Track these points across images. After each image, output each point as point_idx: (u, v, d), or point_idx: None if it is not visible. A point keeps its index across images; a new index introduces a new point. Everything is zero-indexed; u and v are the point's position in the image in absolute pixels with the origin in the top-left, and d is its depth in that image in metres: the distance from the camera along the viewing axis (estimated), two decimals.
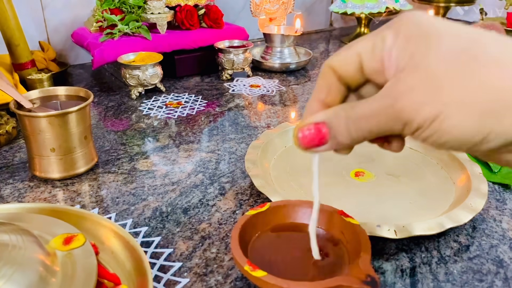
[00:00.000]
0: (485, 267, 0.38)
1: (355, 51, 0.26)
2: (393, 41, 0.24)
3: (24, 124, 0.48)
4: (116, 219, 0.45)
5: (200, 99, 0.78)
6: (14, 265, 0.26)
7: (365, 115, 0.25)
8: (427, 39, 0.23)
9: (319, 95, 0.28)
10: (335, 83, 0.28)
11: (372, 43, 0.25)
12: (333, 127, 0.26)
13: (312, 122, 0.27)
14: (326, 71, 0.28)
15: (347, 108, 0.26)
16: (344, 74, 0.27)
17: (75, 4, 0.95)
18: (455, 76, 0.22)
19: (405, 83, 0.23)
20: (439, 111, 0.22)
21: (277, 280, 0.29)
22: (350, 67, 0.27)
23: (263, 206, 0.38)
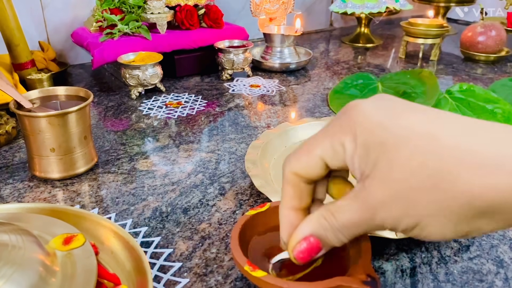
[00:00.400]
0: (485, 267, 0.38)
1: (317, 156, 0.27)
2: (352, 149, 0.25)
3: (24, 124, 0.48)
4: (116, 219, 0.45)
5: (200, 99, 0.78)
6: (14, 265, 0.26)
7: (348, 225, 0.26)
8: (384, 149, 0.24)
9: (292, 204, 0.29)
10: (304, 187, 0.29)
11: (332, 148, 0.26)
12: (322, 238, 0.28)
13: (301, 238, 0.28)
14: (292, 179, 0.29)
15: (329, 217, 0.27)
16: (309, 177, 0.28)
17: (75, 4, 0.95)
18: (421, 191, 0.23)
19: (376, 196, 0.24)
20: (417, 222, 0.24)
21: (277, 280, 0.29)
22: (315, 170, 0.28)
23: (263, 206, 0.38)
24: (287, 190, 0.29)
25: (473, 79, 0.91)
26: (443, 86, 0.83)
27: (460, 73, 0.96)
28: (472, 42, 1.03)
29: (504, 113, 0.63)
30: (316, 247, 0.28)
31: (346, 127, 0.26)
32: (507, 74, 0.95)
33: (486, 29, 1.02)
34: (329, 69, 0.97)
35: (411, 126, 0.24)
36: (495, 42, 1.01)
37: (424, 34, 1.01)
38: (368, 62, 1.04)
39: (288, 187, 0.29)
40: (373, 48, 1.17)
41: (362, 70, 0.97)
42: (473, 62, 1.03)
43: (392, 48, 1.18)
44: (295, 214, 0.29)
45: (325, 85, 0.86)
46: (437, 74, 0.95)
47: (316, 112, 0.73)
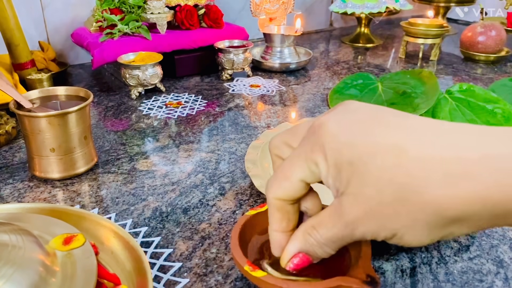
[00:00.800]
0: (485, 267, 0.38)
1: (297, 179, 0.28)
2: (325, 169, 0.27)
3: (24, 124, 0.48)
4: (116, 219, 0.45)
5: (200, 99, 0.78)
6: (14, 265, 0.26)
7: (332, 239, 0.28)
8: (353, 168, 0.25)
9: (280, 227, 0.31)
10: (290, 208, 0.30)
11: (309, 169, 0.28)
12: (310, 253, 0.29)
13: (291, 256, 0.30)
14: (277, 204, 0.30)
15: (313, 233, 0.28)
16: (294, 198, 0.30)
17: (75, 4, 0.95)
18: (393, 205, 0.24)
19: (352, 213, 0.26)
20: (394, 233, 0.25)
21: (277, 280, 0.29)
22: (298, 191, 0.29)
23: (263, 206, 0.38)
24: (274, 214, 0.30)
25: (473, 79, 0.91)
26: (443, 86, 0.83)
27: (460, 73, 0.96)
28: (472, 42, 1.03)
29: (504, 113, 0.63)
30: (307, 260, 0.30)
31: (316, 147, 0.27)
32: (507, 74, 0.95)
33: (486, 29, 1.02)
34: (329, 69, 0.97)
35: (377, 140, 0.25)
36: (495, 42, 1.01)
37: (424, 34, 1.01)
38: (368, 62, 1.04)
39: (274, 212, 0.30)
40: (373, 48, 1.17)
41: (362, 70, 0.97)
42: (473, 62, 1.03)
43: (392, 48, 1.18)
44: (283, 236, 0.31)
45: (325, 85, 0.86)
46: (437, 74, 0.95)
47: (316, 112, 0.73)
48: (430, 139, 0.24)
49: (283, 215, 0.30)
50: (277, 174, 0.29)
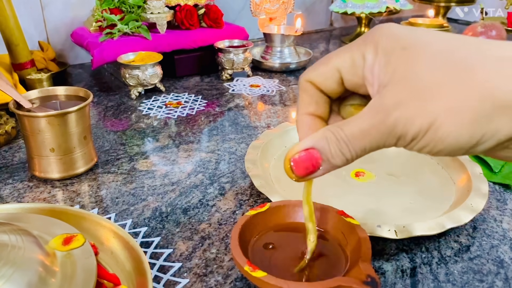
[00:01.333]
0: (486, 268, 0.38)
1: (334, 66, 0.26)
2: (373, 57, 0.24)
3: (24, 124, 0.48)
4: (116, 219, 0.44)
5: (200, 99, 0.78)
6: (14, 265, 0.26)
7: (356, 135, 0.24)
8: (407, 53, 0.23)
9: (307, 109, 0.28)
10: (320, 95, 0.28)
11: (351, 59, 0.26)
12: (324, 151, 0.26)
13: (301, 149, 0.26)
14: (306, 86, 0.28)
15: (335, 129, 0.25)
16: (324, 88, 0.27)
17: (74, 4, 0.95)
18: (441, 85, 0.22)
19: (393, 98, 0.23)
20: (432, 121, 0.22)
21: (277, 281, 0.29)
22: (330, 81, 0.27)
23: (263, 206, 0.38)
24: (303, 97, 0.28)
25: None
26: None
27: None
28: None
29: None
30: (316, 161, 0.26)
31: (368, 40, 0.25)
32: None
33: (486, 29, 1.02)
34: None
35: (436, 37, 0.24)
36: None
37: None
38: None
39: (303, 95, 0.28)
40: None
41: None
42: None
43: None
44: (312, 119, 0.28)
45: None
46: None
47: None
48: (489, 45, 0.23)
49: (311, 98, 0.28)
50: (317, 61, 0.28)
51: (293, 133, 0.59)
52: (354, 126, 0.24)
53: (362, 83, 0.26)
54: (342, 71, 0.26)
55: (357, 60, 0.25)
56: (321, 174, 0.27)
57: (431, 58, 0.23)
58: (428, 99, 0.22)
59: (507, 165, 0.53)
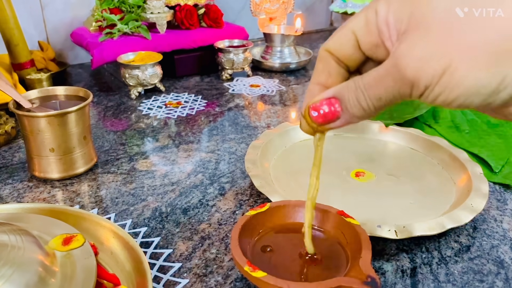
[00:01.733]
0: (486, 268, 0.38)
1: (349, 29, 0.26)
2: (386, 9, 0.23)
3: (23, 124, 0.48)
4: (116, 220, 0.44)
5: (200, 99, 0.78)
6: (14, 265, 0.26)
7: (372, 83, 0.24)
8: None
9: (319, 79, 0.28)
10: (334, 66, 0.27)
11: (365, 17, 0.25)
12: (344, 99, 0.25)
13: (323, 98, 0.26)
14: (324, 55, 0.27)
15: (357, 79, 0.25)
16: (341, 56, 0.27)
17: (74, 4, 0.95)
18: (457, 23, 0.20)
19: (407, 42, 0.22)
20: (447, 63, 0.20)
21: (277, 281, 0.29)
22: (346, 46, 0.26)
23: (263, 206, 0.38)
24: (317, 67, 0.28)
25: None
26: None
27: None
28: None
29: None
30: (335, 110, 0.25)
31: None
32: None
33: None
34: None
35: None
36: None
37: None
38: None
39: (318, 64, 0.28)
40: None
41: None
42: None
43: None
44: (320, 89, 0.28)
45: None
46: None
47: None
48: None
49: (324, 66, 0.27)
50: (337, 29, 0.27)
51: (293, 133, 0.59)
52: (371, 74, 0.24)
53: (378, 42, 0.25)
54: (357, 32, 0.25)
55: (371, 15, 0.24)
56: (339, 125, 0.26)
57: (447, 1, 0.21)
58: (442, 39, 0.20)
59: (508, 165, 0.53)
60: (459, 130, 0.62)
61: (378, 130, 0.60)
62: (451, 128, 0.62)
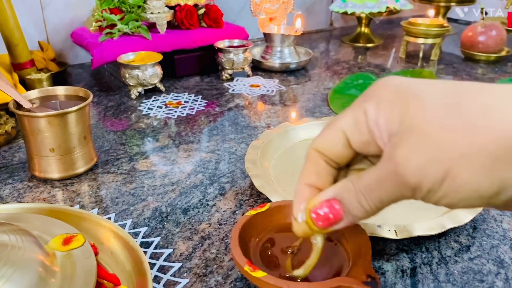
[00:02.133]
0: (486, 268, 0.38)
1: (338, 128, 0.26)
2: (376, 111, 0.24)
3: (23, 124, 0.48)
4: (116, 220, 0.44)
5: (200, 99, 0.78)
6: (14, 265, 0.26)
7: (371, 186, 0.24)
8: (411, 101, 0.22)
9: (308, 180, 0.27)
10: (324, 167, 0.27)
11: (353, 117, 0.25)
12: (344, 202, 0.25)
13: (323, 200, 0.26)
14: (313, 156, 0.27)
15: (354, 180, 0.25)
16: (332, 155, 0.27)
17: (74, 4, 0.95)
18: (453, 130, 0.21)
19: (403, 147, 0.22)
20: (447, 170, 0.21)
21: (277, 281, 0.29)
22: (337, 146, 0.26)
23: (263, 206, 0.38)
24: (306, 166, 0.28)
25: (473, 79, 0.91)
26: None
27: (460, 73, 0.95)
28: (472, 42, 1.03)
29: None
30: (338, 213, 0.25)
31: (368, 95, 0.25)
32: (508, 74, 0.95)
33: (486, 29, 1.02)
34: (329, 69, 0.97)
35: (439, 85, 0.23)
36: (496, 42, 1.01)
37: (424, 34, 1.01)
38: (369, 62, 1.04)
39: (307, 164, 0.28)
40: (374, 48, 1.17)
41: (362, 70, 0.97)
42: (474, 62, 1.03)
43: (392, 48, 1.18)
44: (310, 190, 0.27)
45: (325, 85, 0.86)
46: (438, 74, 0.95)
47: (316, 112, 0.72)
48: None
49: (314, 167, 0.27)
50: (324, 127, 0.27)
51: (293, 133, 0.59)
52: (370, 177, 0.24)
53: (369, 140, 0.25)
54: (347, 132, 0.25)
55: (360, 116, 0.25)
56: (343, 226, 0.26)
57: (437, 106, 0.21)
58: (440, 146, 0.21)
59: None
60: None
61: None
62: None
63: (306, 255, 0.32)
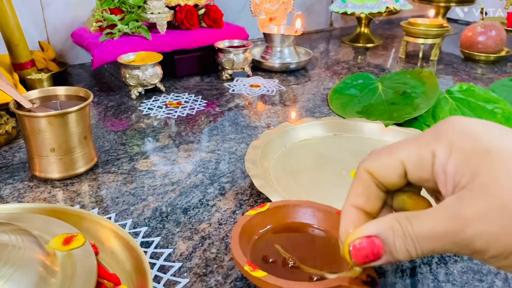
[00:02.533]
0: (485, 267, 0.38)
1: (398, 159, 0.25)
2: (446, 156, 0.23)
3: (24, 124, 0.48)
4: (116, 219, 0.44)
5: (200, 99, 0.78)
6: (14, 265, 0.26)
7: (426, 236, 0.22)
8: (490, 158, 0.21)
9: (357, 202, 0.27)
10: (375, 190, 0.26)
11: (418, 154, 0.24)
12: (388, 243, 0.24)
13: (364, 236, 0.25)
14: (364, 177, 0.26)
15: (404, 221, 0.23)
16: (384, 181, 0.26)
17: (75, 4, 0.95)
18: None
19: (473, 207, 0.21)
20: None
21: (277, 280, 0.29)
22: (392, 174, 0.25)
23: (263, 206, 0.38)
24: (356, 186, 0.27)
25: (473, 79, 0.91)
26: (443, 86, 0.83)
27: (460, 73, 0.96)
28: (472, 42, 1.03)
29: (504, 113, 0.63)
30: (377, 251, 0.24)
31: (440, 135, 0.24)
32: (507, 74, 0.95)
33: (486, 29, 1.02)
34: (329, 69, 0.97)
35: None
36: (495, 42, 1.01)
37: (424, 34, 1.01)
38: (368, 62, 1.04)
39: (357, 184, 0.27)
40: (373, 48, 1.17)
41: (362, 70, 0.97)
42: (473, 62, 1.03)
43: (392, 48, 1.18)
44: (357, 213, 0.27)
45: (325, 85, 0.86)
46: (437, 74, 0.95)
47: (316, 112, 0.73)
48: None
49: (364, 190, 0.26)
50: (380, 149, 0.26)
51: (293, 133, 0.59)
52: (426, 226, 0.22)
53: (429, 178, 0.24)
54: (408, 165, 0.25)
55: (426, 155, 0.24)
56: (380, 264, 0.25)
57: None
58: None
59: None
60: None
61: (377, 130, 0.60)
62: None
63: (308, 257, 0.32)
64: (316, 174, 0.51)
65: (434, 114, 0.65)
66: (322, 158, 0.55)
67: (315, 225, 0.37)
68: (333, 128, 0.61)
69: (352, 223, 0.27)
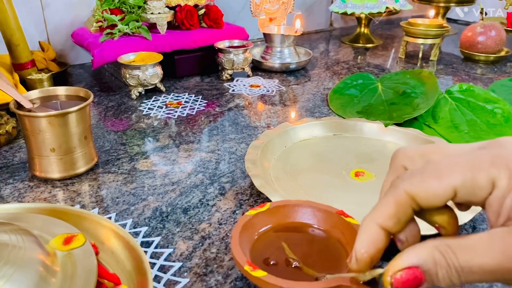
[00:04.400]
0: None
1: (451, 186, 0.23)
2: (508, 189, 0.21)
3: (24, 124, 0.48)
4: (116, 219, 0.45)
5: (200, 99, 0.78)
6: (14, 265, 0.26)
7: (475, 270, 0.21)
8: None
9: (384, 222, 0.25)
10: (409, 214, 0.24)
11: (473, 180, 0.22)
12: (430, 274, 0.22)
13: (405, 267, 0.23)
14: (403, 200, 0.24)
15: (447, 252, 0.22)
16: (426, 205, 0.24)
17: (75, 4, 0.95)
18: None
19: None
20: None
21: (277, 280, 0.29)
22: (440, 200, 0.23)
23: (263, 206, 0.38)
24: (388, 206, 0.25)
25: (472, 79, 0.91)
26: (443, 86, 0.83)
27: (460, 73, 0.96)
28: (472, 42, 1.03)
29: (504, 113, 0.63)
30: (420, 281, 0.23)
31: (500, 160, 0.22)
32: (507, 74, 0.95)
33: (486, 29, 1.02)
34: (329, 69, 0.97)
35: None
36: (495, 42, 1.01)
37: (424, 34, 1.01)
38: (368, 62, 1.04)
39: (391, 204, 0.25)
40: (373, 48, 1.17)
41: (362, 70, 0.97)
42: (473, 62, 1.03)
43: (392, 48, 1.18)
44: (380, 234, 0.25)
45: (325, 85, 0.86)
46: (437, 74, 0.95)
47: (316, 112, 0.73)
48: None
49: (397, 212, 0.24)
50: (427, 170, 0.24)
51: (293, 133, 0.59)
52: (474, 259, 0.21)
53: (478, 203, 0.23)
54: (459, 191, 0.23)
55: (483, 183, 0.22)
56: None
57: None
58: None
59: None
60: (458, 130, 0.62)
61: (377, 130, 0.60)
62: (450, 128, 0.62)
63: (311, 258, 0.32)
64: (316, 174, 0.52)
65: (434, 114, 0.65)
66: (322, 158, 0.55)
67: (315, 225, 0.37)
68: (333, 128, 0.61)
69: (372, 244, 0.25)
